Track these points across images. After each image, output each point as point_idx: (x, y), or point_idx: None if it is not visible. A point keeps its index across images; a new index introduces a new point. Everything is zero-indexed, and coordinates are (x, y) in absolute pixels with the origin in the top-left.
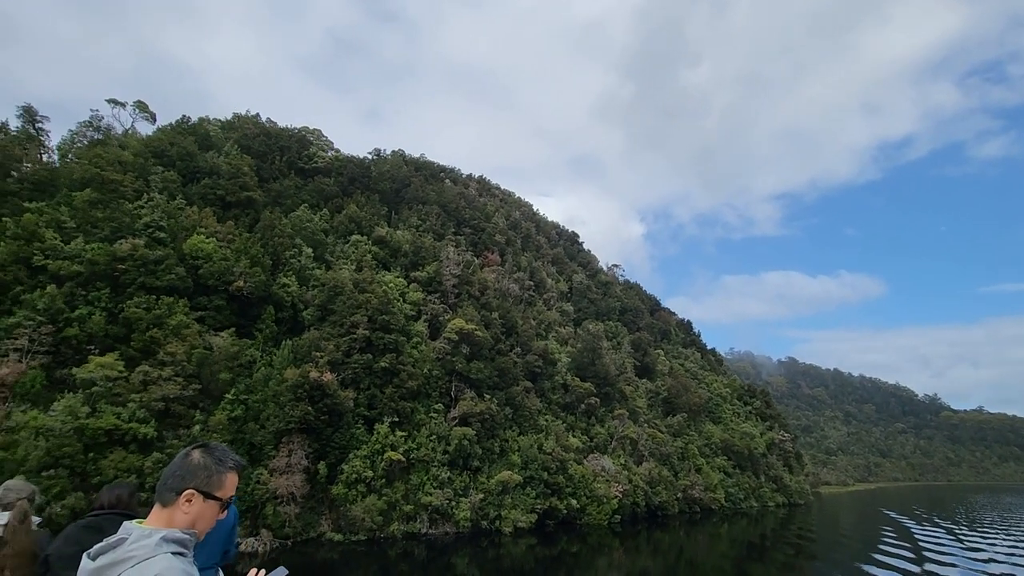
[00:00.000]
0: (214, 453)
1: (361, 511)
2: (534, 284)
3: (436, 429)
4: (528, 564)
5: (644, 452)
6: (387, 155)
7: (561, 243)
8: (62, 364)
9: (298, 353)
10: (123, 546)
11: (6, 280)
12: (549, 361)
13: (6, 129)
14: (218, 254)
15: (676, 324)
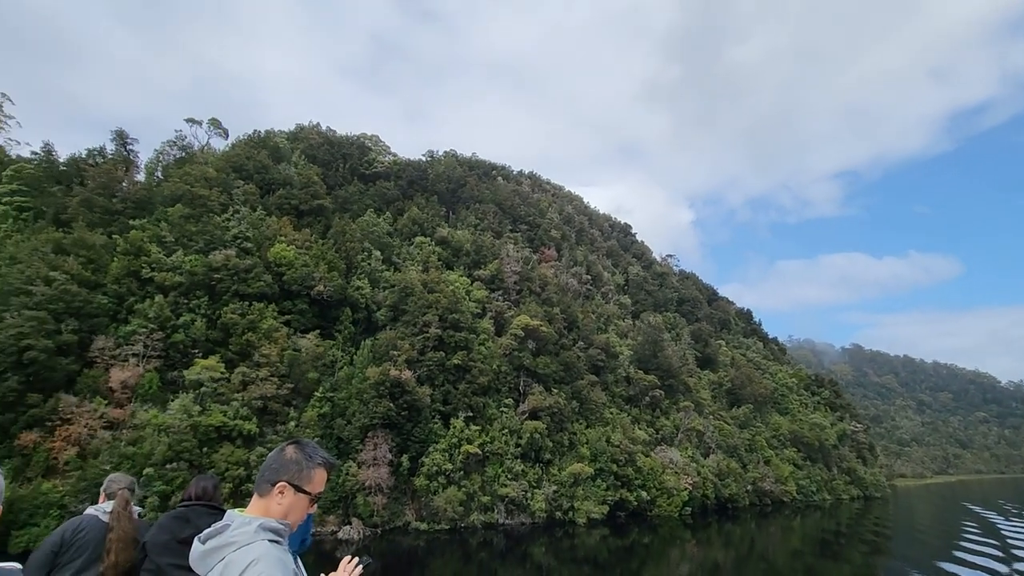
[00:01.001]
0: (305, 449)
1: (443, 502)
2: (591, 278)
3: (508, 423)
4: (602, 554)
5: (711, 444)
6: (440, 156)
7: (614, 235)
8: (172, 367)
9: (376, 352)
10: (227, 532)
11: (121, 292)
12: (611, 354)
13: (104, 153)
14: (299, 261)
15: (735, 314)
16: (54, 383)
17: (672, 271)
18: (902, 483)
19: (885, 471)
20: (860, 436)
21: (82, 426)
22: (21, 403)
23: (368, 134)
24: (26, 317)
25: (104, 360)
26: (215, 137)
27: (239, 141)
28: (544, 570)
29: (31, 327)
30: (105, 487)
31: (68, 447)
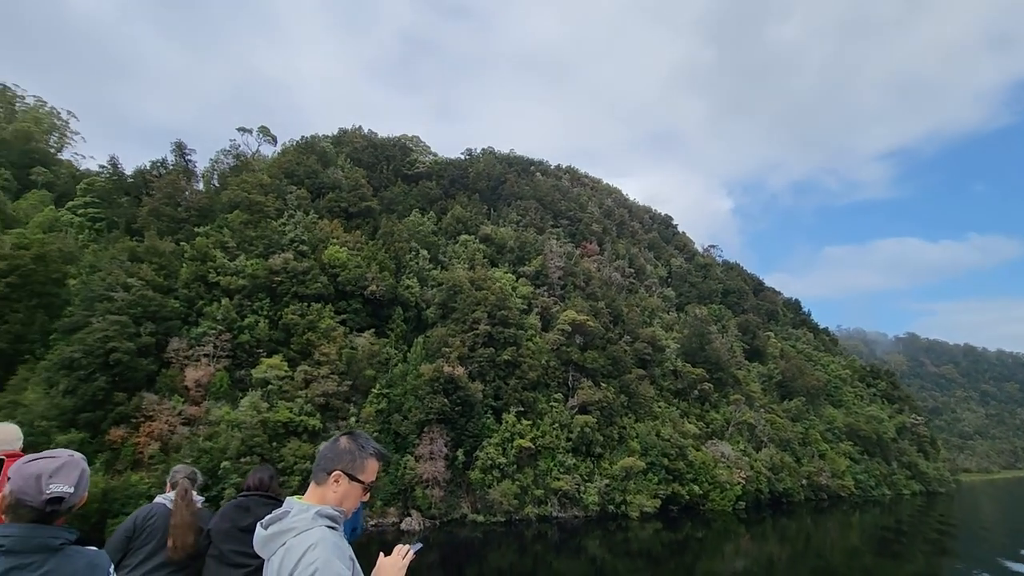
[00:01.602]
0: (358, 440)
1: (498, 495)
2: (634, 271)
3: (558, 417)
4: (655, 548)
5: (763, 438)
6: (478, 154)
7: (655, 227)
8: (239, 366)
9: (429, 349)
10: (287, 518)
11: (191, 296)
12: (658, 348)
13: (165, 164)
14: (352, 262)
15: (783, 304)
16: (136, 382)
17: (715, 262)
18: (966, 478)
19: (948, 465)
20: (920, 429)
21: (163, 422)
22: (109, 401)
23: (409, 135)
24: (110, 321)
25: (179, 360)
26: (264, 144)
27: (287, 147)
28: (598, 563)
29: (115, 330)
30: (170, 477)
31: (152, 442)
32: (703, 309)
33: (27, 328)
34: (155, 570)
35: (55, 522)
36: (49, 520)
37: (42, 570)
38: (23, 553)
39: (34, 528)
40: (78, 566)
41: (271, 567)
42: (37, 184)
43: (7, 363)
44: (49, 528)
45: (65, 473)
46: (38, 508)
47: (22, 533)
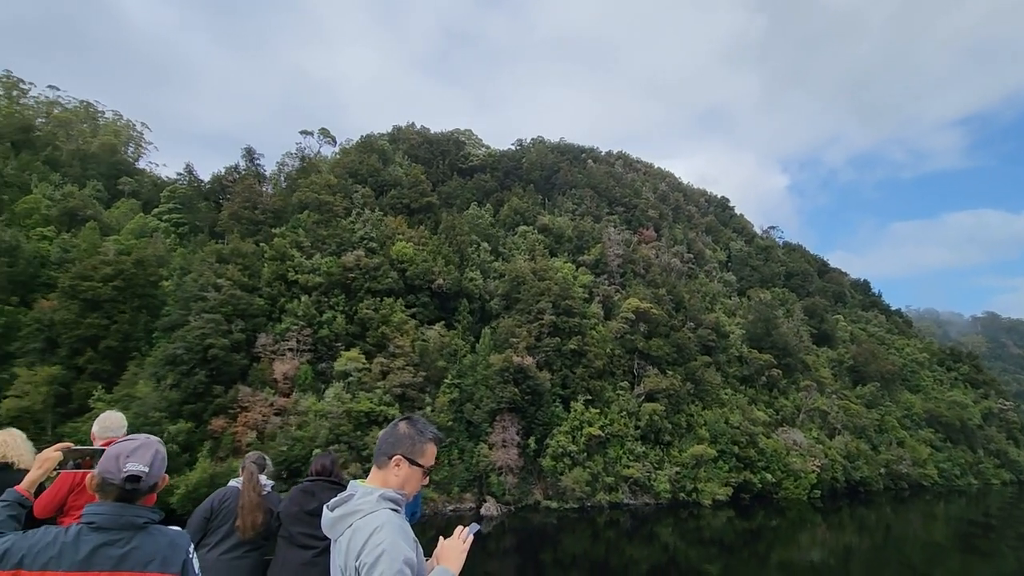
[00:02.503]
0: (416, 425)
1: (570, 481)
2: (693, 256)
3: (625, 405)
4: (728, 536)
5: (836, 425)
6: (528, 144)
7: (711, 210)
8: (320, 359)
9: (496, 340)
10: (352, 501)
11: (273, 294)
12: (722, 334)
13: (238, 170)
14: (419, 257)
15: (850, 285)
16: (231, 376)
17: (776, 244)
18: None
19: None
20: (1009, 415)
21: (257, 413)
22: (208, 394)
23: (461, 129)
24: (205, 319)
25: (267, 355)
26: (324, 145)
27: (346, 147)
28: (671, 550)
29: (210, 328)
30: (243, 463)
31: (248, 431)
32: (766, 293)
33: (132, 327)
34: (232, 548)
35: (137, 501)
36: (131, 498)
37: (128, 547)
38: (111, 530)
39: (121, 507)
40: (161, 544)
41: (339, 547)
42: (124, 193)
43: (117, 359)
44: (134, 507)
45: (140, 453)
46: (119, 486)
47: (111, 511)
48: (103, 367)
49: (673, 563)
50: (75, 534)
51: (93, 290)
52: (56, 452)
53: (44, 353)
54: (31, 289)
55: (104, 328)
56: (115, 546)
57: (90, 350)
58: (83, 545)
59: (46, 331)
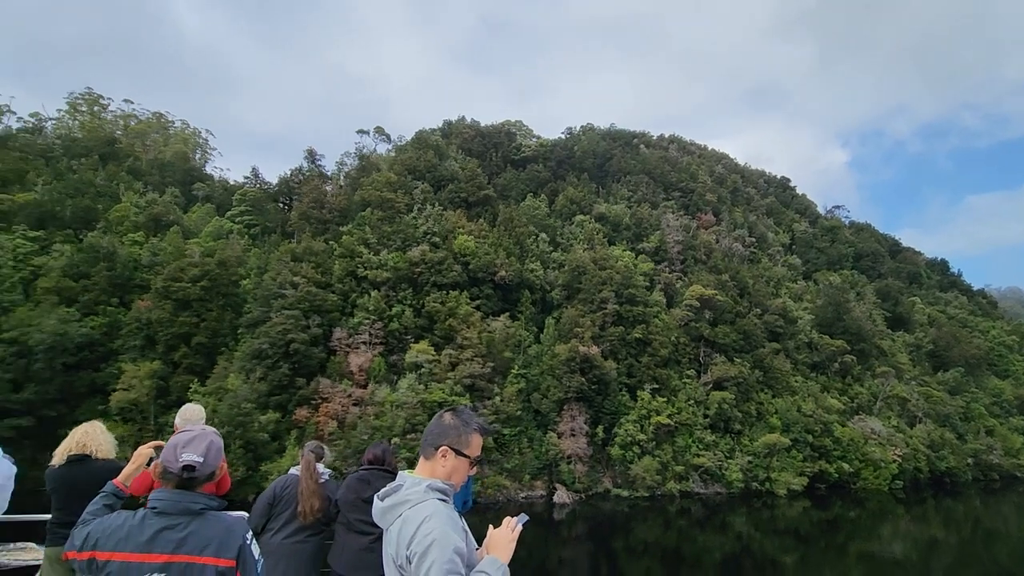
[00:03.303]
0: (461, 416)
1: (640, 470)
2: (755, 240)
3: (692, 394)
4: (804, 526)
5: (917, 412)
6: (578, 132)
7: (771, 191)
8: (391, 351)
9: (560, 330)
10: (400, 491)
11: (345, 290)
12: (789, 320)
13: (302, 171)
14: (481, 250)
15: (926, 265)
16: (311, 368)
17: (842, 224)
18: None
19: None
20: None
21: (337, 403)
22: (292, 385)
23: (512, 120)
24: (285, 316)
25: (342, 348)
26: (380, 143)
27: (400, 144)
28: (744, 540)
29: (291, 323)
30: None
31: (329, 420)
32: (834, 276)
33: (219, 324)
34: (294, 533)
35: (196, 488)
36: (189, 486)
37: (186, 531)
38: (171, 515)
39: (180, 493)
40: (216, 530)
41: (390, 536)
42: (198, 198)
43: (208, 354)
44: (191, 494)
45: (195, 445)
46: (177, 474)
47: (171, 497)
48: (196, 362)
49: (747, 552)
50: (141, 518)
51: (183, 291)
52: (148, 449)
53: (143, 349)
54: (127, 291)
55: (195, 326)
56: (174, 530)
57: (184, 346)
58: (147, 529)
59: (144, 329)
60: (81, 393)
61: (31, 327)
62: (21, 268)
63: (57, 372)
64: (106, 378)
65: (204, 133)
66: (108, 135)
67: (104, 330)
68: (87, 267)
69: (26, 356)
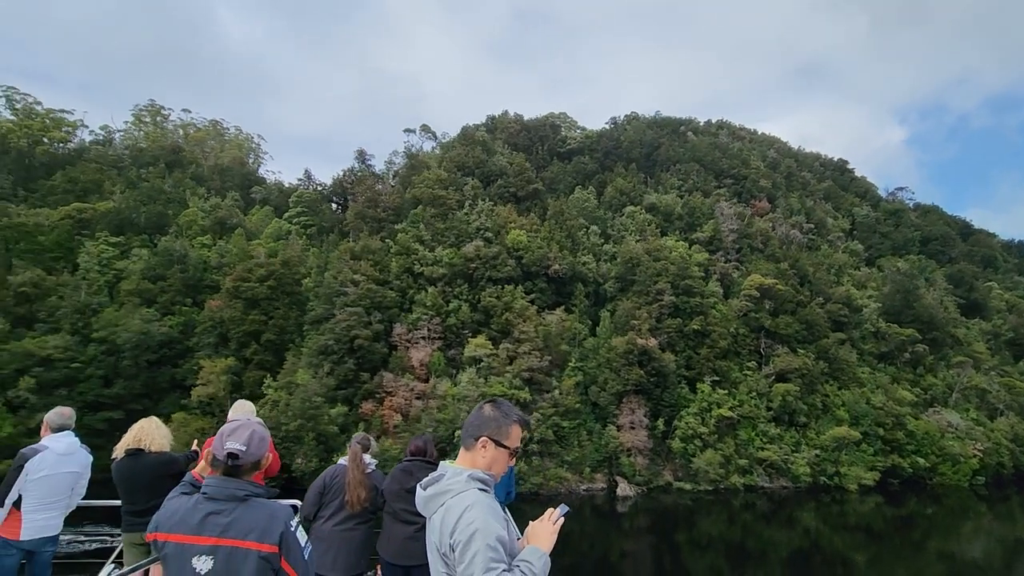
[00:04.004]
0: (501, 408)
1: (703, 463)
2: (813, 226)
3: (754, 386)
4: (876, 523)
5: (998, 404)
6: (622, 121)
7: (828, 174)
8: (449, 346)
9: (616, 323)
10: (442, 481)
11: (403, 287)
12: (853, 308)
13: (354, 171)
14: (533, 244)
15: (1002, 248)
16: (375, 363)
17: (906, 206)
18: None
19: None
20: None
21: (400, 397)
22: (357, 380)
23: (556, 112)
24: (348, 313)
25: (402, 343)
26: (425, 140)
27: (444, 141)
28: (812, 535)
29: (354, 320)
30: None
31: (394, 414)
32: (901, 262)
33: (286, 321)
34: (344, 521)
35: (242, 476)
36: (235, 473)
37: (231, 516)
38: (219, 500)
39: (226, 480)
40: (260, 516)
41: (433, 525)
42: (255, 201)
43: (276, 350)
44: (236, 481)
45: (239, 434)
46: (222, 461)
47: (218, 483)
48: (266, 358)
49: (816, 548)
50: (194, 502)
51: (251, 290)
52: None
53: (217, 347)
54: (199, 291)
55: (263, 323)
56: (221, 515)
57: (254, 343)
58: (197, 513)
59: (217, 327)
60: (163, 388)
61: (118, 327)
62: (105, 272)
63: (142, 368)
64: (184, 373)
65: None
66: (173, 144)
67: (180, 329)
68: (162, 270)
69: (114, 354)
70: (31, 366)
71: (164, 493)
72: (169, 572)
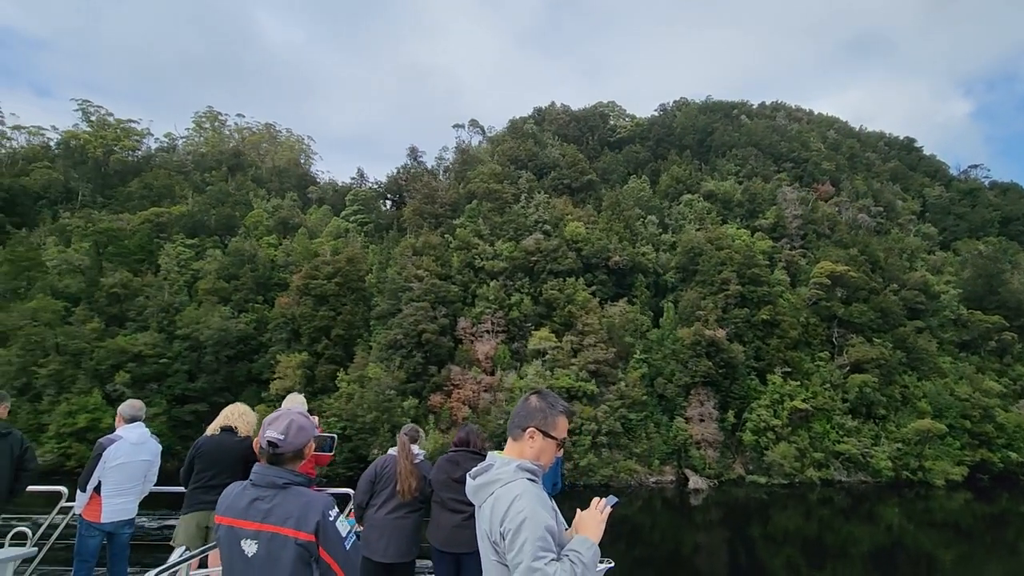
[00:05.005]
0: (547, 399)
1: (777, 456)
2: (881, 209)
3: (827, 377)
4: (964, 520)
5: None
6: (671, 107)
7: (894, 155)
8: (513, 339)
9: (681, 314)
10: (491, 470)
11: (464, 281)
12: (931, 295)
13: (408, 169)
14: (593, 235)
15: None
16: (442, 357)
17: (982, 185)
18: None
19: None
20: None
21: (468, 390)
22: (425, 373)
23: (604, 102)
24: (415, 308)
25: (467, 337)
26: (474, 135)
27: (492, 135)
28: (895, 532)
29: (420, 314)
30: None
31: (462, 406)
32: (981, 244)
33: (353, 317)
34: (395, 509)
35: (284, 465)
36: (276, 461)
37: (272, 503)
38: (261, 487)
39: (269, 468)
40: (297, 504)
41: (483, 514)
42: (312, 200)
43: (345, 345)
44: (276, 469)
45: (278, 424)
46: (265, 450)
47: (261, 471)
48: (336, 352)
49: (900, 546)
50: (242, 488)
51: (320, 287)
52: None
53: (290, 342)
54: (268, 289)
55: (332, 319)
56: (263, 501)
57: (324, 338)
58: (245, 498)
59: (289, 324)
60: (241, 382)
61: (199, 324)
62: (184, 272)
63: (222, 363)
64: (260, 368)
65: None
66: (234, 148)
67: (254, 325)
68: (235, 269)
69: (197, 350)
70: (125, 362)
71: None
72: (223, 553)
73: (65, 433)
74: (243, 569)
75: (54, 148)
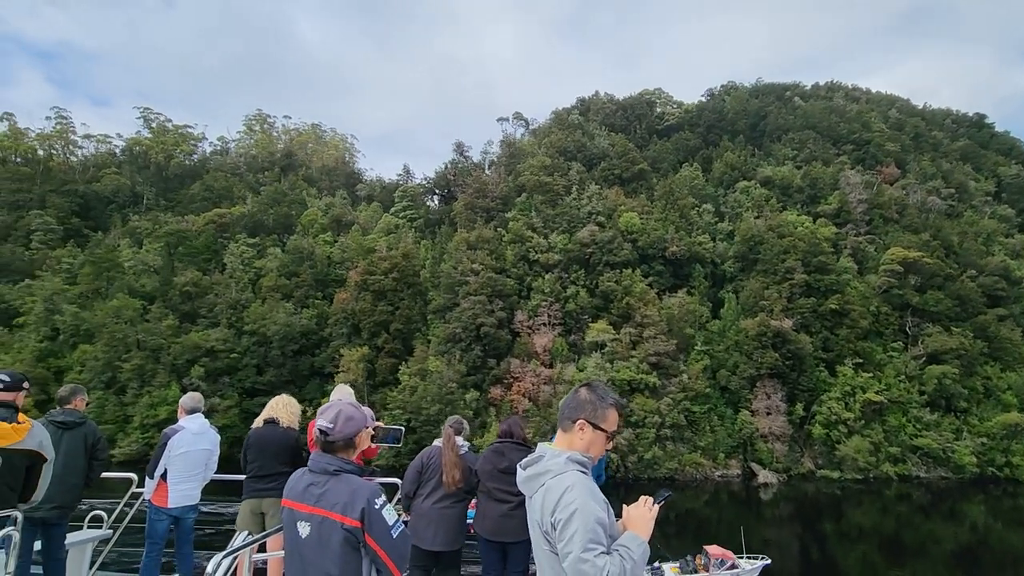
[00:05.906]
0: (597, 391)
1: (851, 450)
2: (953, 191)
3: (902, 368)
4: None
5: None
6: (719, 91)
7: (963, 132)
8: (569, 332)
9: (744, 304)
10: (542, 461)
11: (520, 274)
12: (1012, 281)
13: (456, 164)
14: (648, 226)
15: None
16: (500, 350)
17: None
18: None
19: None
20: None
21: (527, 382)
22: (484, 366)
23: (650, 89)
24: (472, 301)
25: (524, 330)
26: (518, 128)
27: (535, 127)
28: (980, 531)
29: (478, 308)
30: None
31: (522, 399)
32: None
33: (411, 311)
34: (442, 499)
35: (336, 452)
36: (327, 449)
37: (323, 488)
38: (315, 473)
39: (319, 455)
40: (345, 491)
41: (534, 504)
42: (360, 197)
43: (404, 339)
44: (329, 456)
45: (327, 413)
46: (318, 438)
47: (315, 458)
48: (395, 346)
49: (984, 545)
50: (301, 473)
51: (378, 283)
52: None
53: (350, 336)
54: (326, 285)
55: (391, 314)
56: (316, 486)
57: (384, 332)
58: (303, 482)
59: (349, 318)
60: (305, 375)
61: (265, 320)
62: (248, 270)
63: (287, 357)
64: (322, 362)
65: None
66: (284, 149)
67: (315, 321)
68: (294, 267)
69: (263, 345)
70: (199, 357)
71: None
72: (285, 533)
73: (148, 424)
74: (299, 549)
75: (119, 155)
